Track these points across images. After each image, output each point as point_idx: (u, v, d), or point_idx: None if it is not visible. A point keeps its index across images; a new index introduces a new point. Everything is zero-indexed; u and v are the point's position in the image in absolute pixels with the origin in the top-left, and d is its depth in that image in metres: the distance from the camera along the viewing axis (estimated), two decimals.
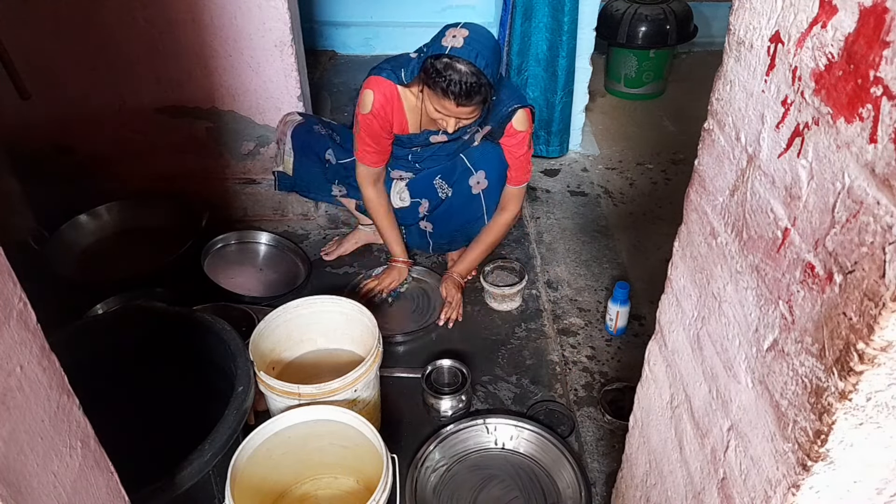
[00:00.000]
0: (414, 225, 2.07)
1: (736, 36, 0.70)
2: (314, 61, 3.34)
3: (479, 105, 1.61)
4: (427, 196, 1.98)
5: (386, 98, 1.75)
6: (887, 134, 0.45)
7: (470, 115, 1.63)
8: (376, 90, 1.75)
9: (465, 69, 1.53)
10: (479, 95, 1.57)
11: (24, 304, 0.56)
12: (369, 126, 1.79)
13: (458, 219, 1.99)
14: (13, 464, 0.54)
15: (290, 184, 2.11)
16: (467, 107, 1.59)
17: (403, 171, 1.98)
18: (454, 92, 1.54)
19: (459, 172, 1.89)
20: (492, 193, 1.92)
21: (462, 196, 1.92)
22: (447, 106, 1.59)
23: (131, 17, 1.95)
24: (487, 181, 1.88)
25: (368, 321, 1.51)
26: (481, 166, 1.87)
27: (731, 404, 0.74)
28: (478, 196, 1.91)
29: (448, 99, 1.56)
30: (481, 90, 1.56)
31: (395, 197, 2.00)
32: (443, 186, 1.94)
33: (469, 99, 1.56)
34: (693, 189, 0.84)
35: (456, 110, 1.60)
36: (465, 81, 1.53)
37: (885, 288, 0.46)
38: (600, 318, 1.93)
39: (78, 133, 2.20)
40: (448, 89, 1.54)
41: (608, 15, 3.10)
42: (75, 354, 1.06)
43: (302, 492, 1.44)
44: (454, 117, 1.63)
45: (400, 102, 1.77)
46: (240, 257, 2.15)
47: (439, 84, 1.55)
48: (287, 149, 2.05)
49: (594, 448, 1.57)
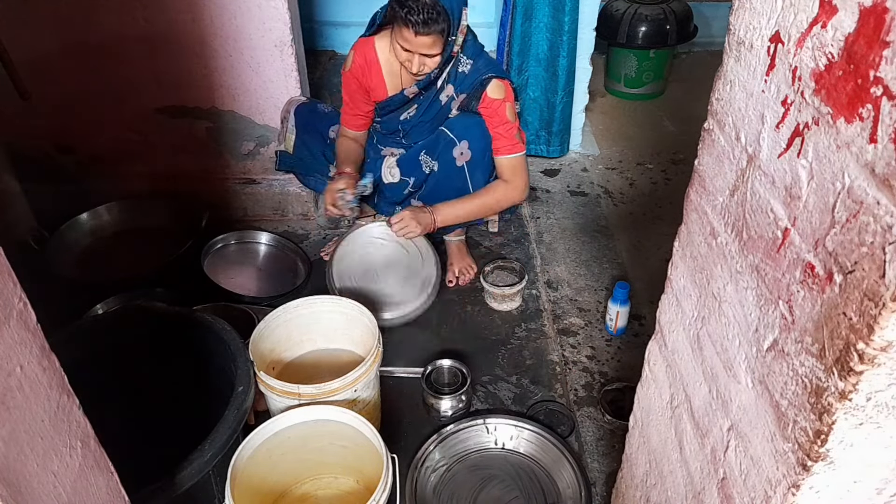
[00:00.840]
0: (405, 202, 2.07)
1: (736, 36, 0.70)
2: (314, 61, 3.34)
3: (439, 36, 1.66)
4: (414, 174, 1.99)
5: (365, 59, 1.88)
6: (887, 134, 0.45)
7: (430, 48, 1.68)
8: (357, 51, 1.89)
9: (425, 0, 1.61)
10: (436, 24, 1.63)
11: (24, 304, 0.56)
12: (348, 84, 1.93)
13: (445, 194, 1.98)
14: (13, 464, 0.54)
15: (290, 163, 2.16)
16: (426, 36, 1.64)
17: (394, 147, 2.04)
18: (412, 20, 1.61)
19: (443, 144, 1.90)
20: (475, 166, 1.92)
21: (447, 168, 1.93)
22: (407, 37, 1.65)
23: (131, 17, 1.96)
24: (471, 152, 1.89)
25: (368, 321, 1.51)
26: (464, 136, 1.89)
27: (731, 404, 0.74)
28: (461, 169, 1.92)
29: (408, 28, 1.63)
30: (438, 19, 1.62)
31: (386, 172, 2.03)
32: (427, 161, 1.95)
33: (427, 27, 1.62)
34: (693, 189, 0.84)
35: (416, 41, 1.66)
36: (423, 8, 1.60)
37: (885, 288, 0.46)
38: (600, 318, 1.93)
39: (78, 133, 2.20)
40: (407, 17, 1.61)
41: (608, 15, 3.10)
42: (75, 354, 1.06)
43: (302, 492, 1.44)
44: (416, 53, 1.69)
45: (378, 66, 1.88)
46: (240, 257, 2.15)
47: (399, 15, 1.63)
48: (290, 126, 2.09)
49: (594, 448, 1.57)
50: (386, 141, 2.05)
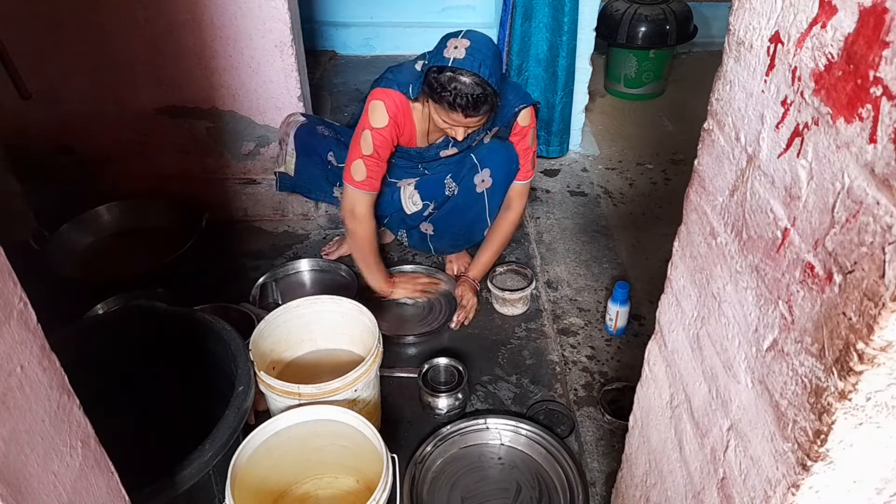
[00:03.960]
0: (415, 228, 2.06)
1: (736, 36, 0.70)
2: (314, 61, 3.34)
3: (487, 113, 1.64)
4: (435, 197, 1.97)
5: (398, 107, 1.74)
6: (887, 134, 0.46)
7: (478, 123, 1.67)
8: (387, 100, 1.72)
9: (469, 81, 1.55)
10: (485, 105, 1.59)
11: (25, 304, 0.56)
12: (384, 140, 1.75)
13: (460, 220, 1.98)
14: (13, 464, 0.54)
15: (292, 184, 2.10)
16: (475, 117, 1.62)
17: (409, 178, 1.98)
18: (461, 105, 1.57)
19: (467, 169, 1.89)
20: (495, 194, 1.91)
21: (466, 194, 1.92)
22: (455, 118, 1.62)
23: (131, 17, 1.96)
24: (492, 179, 1.87)
25: (368, 321, 1.51)
26: (487, 164, 1.87)
27: (731, 404, 0.74)
28: (481, 195, 1.90)
29: (456, 112, 1.59)
30: (487, 100, 1.58)
31: (408, 202, 1.98)
32: (450, 185, 1.94)
33: (476, 110, 1.59)
34: (693, 189, 0.84)
35: (464, 121, 1.63)
36: (472, 94, 1.55)
37: (884, 288, 0.46)
38: (600, 318, 1.93)
39: (78, 133, 2.20)
40: (455, 102, 1.57)
41: (608, 15, 3.10)
42: (75, 354, 1.06)
43: (302, 492, 1.44)
44: (462, 126, 1.66)
45: (410, 112, 1.77)
46: (295, 289, 2.09)
47: (445, 98, 1.57)
48: (289, 149, 2.04)
49: (594, 448, 1.57)
50: (403, 174, 1.97)
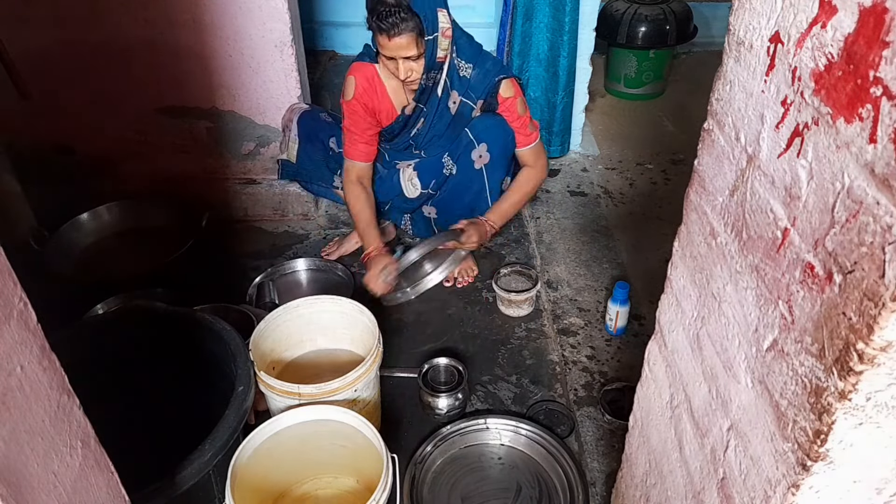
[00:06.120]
0: (417, 211, 2.06)
1: (736, 36, 0.70)
2: (314, 61, 3.34)
3: (412, 35, 1.62)
4: (434, 177, 1.97)
5: (367, 81, 1.80)
6: (887, 134, 0.45)
7: (407, 49, 1.65)
8: (357, 75, 1.81)
9: (390, 1, 1.58)
10: (404, 23, 1.59)
11: (25, 304, 0.56)
12: (353, 112, 1.83)
13: (461, 200, 1.98)
14: (13, 464, 0.54)
15: (293, 172, 2.12)
16: (399, 37, 1.61)
17: (409, 159, 1.99)
18: (382, 27, 1.59)
19: (464, 146, 1.90)
20: (493, 169, 1.91)
21: (465, 172, 1.92)
22: (384, 43, 1.63)
23: (132, 18, 1.96)
24: (489, 154, 1.88)
25: (368, 321, 1.51)
26: (483, 138, 1.87)
27: (731, 404, 0.74)
28: (480, 172, 1.90)
29: (381, 35, 1.61)
30: (407, 17, 1.59)
31: (408, 186, 1.99)
32: (448, 163, 1.94)
33: (396, 27, 1.59)
34: (693, 189, 0.84)
35: (391, 45, 1.62)
36: (390, 12, 1.57)
37: (884, 288, 0.46)
38: (600, 318, 1.93)
39: (78, 133, 2.20)
40: (378, 24, 1.59)
41: (608, 15, 3.10)
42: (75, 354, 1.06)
43: (302, 492, 1.44)
44: (398, 58, 1.66)
45: (382, 86, 1.81)
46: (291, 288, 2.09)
47: (373, 25, 1.61)
48: (293, 135, 2.06)
49: (594, 448, 1.57)
50: (399, 156, 2.00)
